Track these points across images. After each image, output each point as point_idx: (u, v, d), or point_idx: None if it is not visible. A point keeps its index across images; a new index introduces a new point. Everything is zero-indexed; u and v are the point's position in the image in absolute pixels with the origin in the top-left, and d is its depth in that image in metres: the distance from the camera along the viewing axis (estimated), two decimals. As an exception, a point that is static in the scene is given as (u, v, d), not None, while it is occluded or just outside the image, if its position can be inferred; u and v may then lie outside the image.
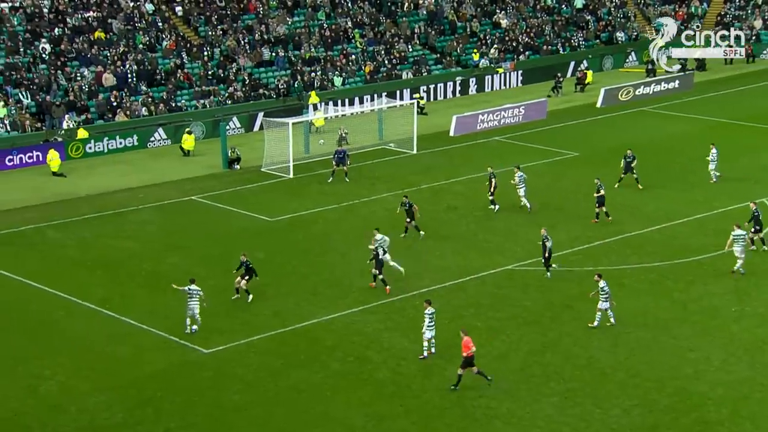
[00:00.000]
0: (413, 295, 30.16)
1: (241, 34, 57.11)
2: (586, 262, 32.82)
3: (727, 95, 58.20)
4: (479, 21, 65.20)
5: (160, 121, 49.77)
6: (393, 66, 58.98)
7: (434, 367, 25.69)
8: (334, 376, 25.40)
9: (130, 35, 54.18)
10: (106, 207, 39.11)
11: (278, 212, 38.27)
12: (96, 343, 27.34)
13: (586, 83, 60.40)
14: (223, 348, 26.81)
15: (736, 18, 69.64)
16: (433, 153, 46.63)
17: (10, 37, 51.16)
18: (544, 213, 37.73)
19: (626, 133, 50.37)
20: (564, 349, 26.71)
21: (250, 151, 46.33)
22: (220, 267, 32.76)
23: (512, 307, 29.34)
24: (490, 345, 26.92)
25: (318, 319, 28.61)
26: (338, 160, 41.71)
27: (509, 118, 52.38)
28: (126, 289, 31.06)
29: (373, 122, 49.65)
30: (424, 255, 33.49)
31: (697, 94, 58.22)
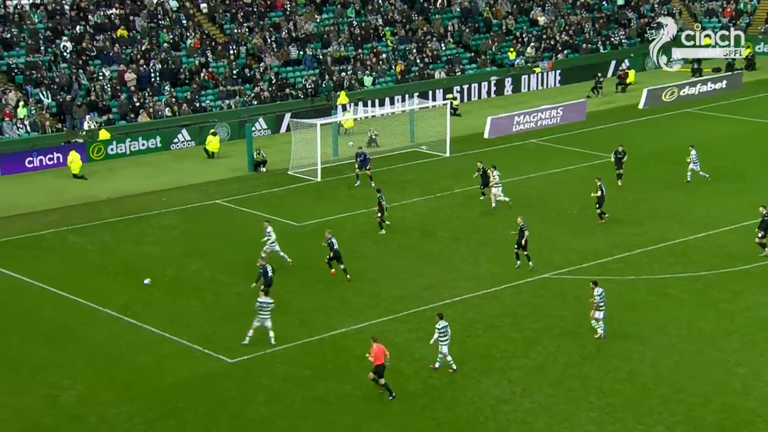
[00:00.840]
0: (446, 304, 30.15)
1: (267, 32, 57.44)
2: (627, 270, 32.63)
3: (777, 96, 57.71)
4: (515, 18, 65.11)
5: (184, 122, 50.15)
6: (425, 65, 59.03)
7: (467, 379, 25.66)
8: (363, 387, 25.42)
9: (153, 33, 54.66)
10: (128, 211, 39.45)
11: (305, 217, 38.42)
12: (117, 351, 27.58)
13: (627, 83, 60.11)
14: (247, 358, 26.95)
15: (787, 14, 69.03)
16: (466, 156, 46.57)
17: (31, 35, 51.80)
18: (583, 218, 37.58)
19: (670, 135, 50.02)
20: (603, 361, 26.57)
21: (276, 154, 46.56)
22: (245, 274, 32.94)
23: (549, 317, 29.23)
24: (526, 356, 26.84)
25: (346, 328, 28.67)
26: (360, 164, 41.78)
27: (546, 119, 52.22)
28: (148, 296, 31.29)
29: (404, 124, 49.70)
30: (457, 262, 33.48)
31: (746, 95, 57.71)
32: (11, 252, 35.13)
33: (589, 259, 33.56)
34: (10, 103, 47.66)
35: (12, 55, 50.52)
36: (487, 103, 57.26)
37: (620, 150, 40.60)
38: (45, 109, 48.78)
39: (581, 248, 34.60)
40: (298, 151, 44.70)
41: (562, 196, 40.23)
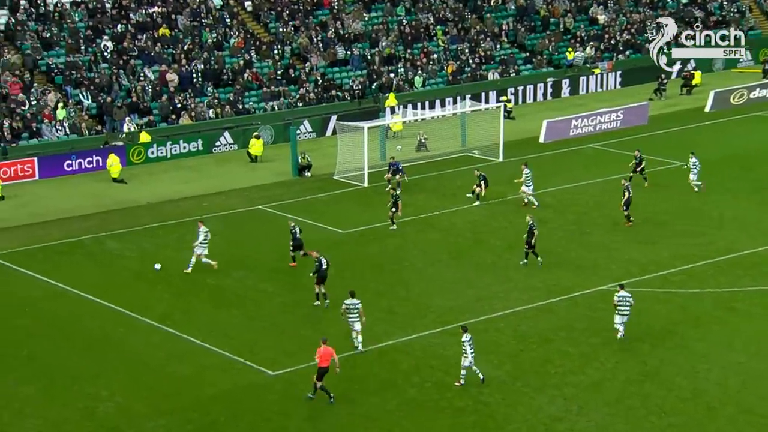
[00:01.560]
0: (498, 316, 30.02)
1: (313, 31, 57.74)
2: (691, 283, 32.22)
3: None
4: (574, 16, 64.72)
5: (227, 124, 50.57)
6: (478, 66, 58.92)
7: (520, 396, 25.50)
8: (411, 403, 25.38)
9: (196, 32, 55.22)
10: (169, 216, 39.84)
11: (351, 224, 38.49)
12: (155, 361, 27.85)
13: (693, 85, 59.46)
14: (290, 370, 27.04)
15: None
16: (521, 161, 46.28)
17: (71, 34, 52.63)
18: (644, 228, 37.21)
19: (739, 140, 49.35)
20: (666, 379, 26.25)
21: (321, 158, 46.73)
22: (288, 282, 33.11)
23: (608, 332, 28.93)
24: (583, 373, 26.60)
25: (393, 341, 28.65)
26: (394, 172, 41.73)
27: (606, 123, 51.81)
28: (188, 305, 31.57)
29: (455, 127, 49.63)
30: (511, 272, 33.30)
31: (820, 98, 56.77)
32: (49, 257, 35.68)
33: (650, 271, 33.20)
34: (49, 105, 48.47)
35: (51, 55, 51.38)
36: (542, 105, 56.97)
37: (637, 155, 41.31)
38: (84, 111, 49.50)
39: (641, 259, 34.24)
40: (344, 155, 44.83)
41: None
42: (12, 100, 47.94)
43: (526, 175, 39.03)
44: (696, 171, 40.60)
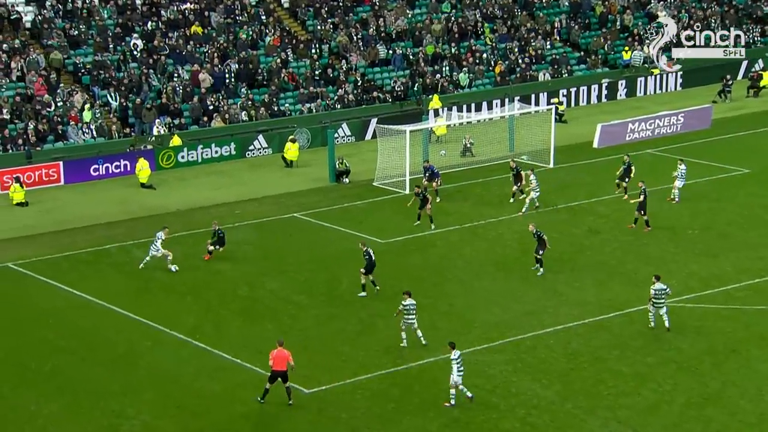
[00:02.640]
0: (547, 333, 29.93)
1: (353, 29, 57.97)
2: (756, 299, 31.90)
3: None
4: (632, 13, 64.36)
5: (261, 127, 50.88)
6: (528, 65, 58.78)
7: (570, 418, 25.40)
8: (453, 424, 25.37)
9: (230, 30, 55.66)
10: (199, 224, 40.10)
11: (392, 233, 38.56)
12: (184, 378, 28.07)
13: (761, 87, 58.84)
14: (326, 388, 27.15)
15: None
16: (572, 167, 46.16)
17: (99, 32, 53.31)
18: (705, 239, 36.91)
19: (809, 145, 48.78)
20: (729, 402, 26.00)
21: (360, 163, 46.87)
22: (325, 294, 33.25)
23: (665, 351, 28.74)
24: (638, 394, 26.43)
25: (435, 358, 28.63)
26: (429, 178, 41.79)
27: (665, 127, 51.45)
28: (219, 318, 31.79)
29: (503, 131, 49.56)
30: (561, 286, 33.18)
31: None
32: (74, 267, 36.12)
33: (712, 286, 32.92)
34: (75, 106, 49.11)
35: (79, 54, 52.08)
36: (597, 108, 56.69)
37: (626, 160, 41.45)
38: (112, 113, 50.07)
39: (702, 273, 33.97)
40: (384, 161, 44.92)
41: (682, 214, 39.53)
42: (37, 101, 48.65)
43: (533, 182, 39.68)
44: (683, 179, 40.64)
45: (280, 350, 25.90)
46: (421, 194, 38.61)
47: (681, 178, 40.66)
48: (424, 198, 38.52)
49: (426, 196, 38.60)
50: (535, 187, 39.83)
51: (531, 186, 39.81)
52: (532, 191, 39.76)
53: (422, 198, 38.54)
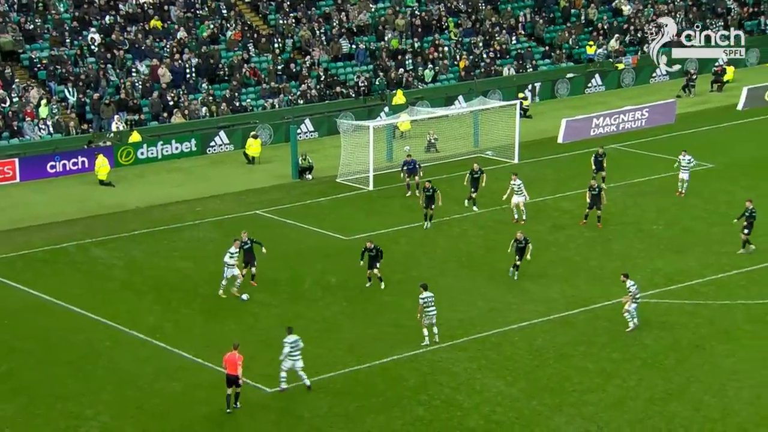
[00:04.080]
0: (512, 330, 30.08)
1: (316, 23, 57.89)
2: (721, 294, 32.24)
3: None
4: (597, 7, 64.75)
5: (222, 123, 50.71)
6: (492, 60, 58.99)
7: (536, 416, 25.55)
8: (417, 422, 25.43)
9: (190, 24, 55.39)
10: (159, 221, 39.95)
11: (355, 230, 38.58)
12: (144, 378, 27.91)
13: (724, 81, 59.40)
14: (288, 387, 27.09)
15: None
16: (537, 163, 46.40)
17: (56, 26, 52.86)
18: (670, 234, 37.23)
19: (773, 140, 49.35)
20: (693, 397, 26.26)
21: (323, 159, 46.85)
22: (288, 293, 33.22)
23: (630, 346, 28.98)
24: (603, 390, 26.63)
25: (400, 356, 28.71)
26: (409, 172, 41.86)
27: (630, 122, 51.84)
28: (180, 317, 31.66)
29: (467, 126, 49.71)
30: (526, 283, 33.35)
31: None
32: (30, 266, 35.82)
33: (676, 281, 33.25)
34: (31, 102, 48.67)
35: (34, 48, 51.60)
36: (561, 103, 57.00)
37: (601, 152, 41.78)
38: (69, 108, 49.69)
39: (667, 268, 34.29)
40: (348, 157, 44.92)
41: (647, 209, 39.85)
42: (-8, 97, 48.19)
43: (518, 186, 38.28)
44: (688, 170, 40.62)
45: (231, 354, 25.77)
46: (431, 190, 37.67)
47: (686, 169, 40.58)
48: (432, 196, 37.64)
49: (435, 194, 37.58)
50: (518, 190, 38.25)
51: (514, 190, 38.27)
52: (515, 195, 38.35)
53: (430, 195, 37.66)
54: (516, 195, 38.41)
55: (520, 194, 38.38)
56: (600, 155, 41.94)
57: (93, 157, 45.54)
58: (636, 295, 29.28)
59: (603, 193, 37.86)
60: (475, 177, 39.82)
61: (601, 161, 41.79)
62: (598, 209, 37.60)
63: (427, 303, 28.83)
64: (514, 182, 38.40)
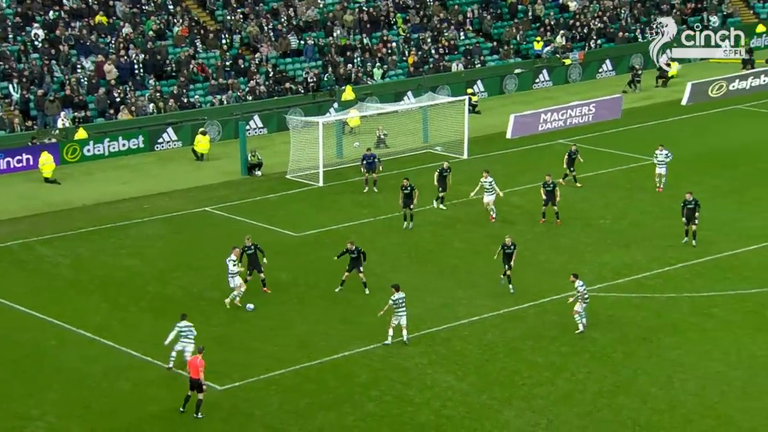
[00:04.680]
0: (462, 325, 30.19)
1: (264, 19, 57.64)
2: (667, 287, 32.61)
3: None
4: (543, 4, 65.15)
5: (170, 119, 50.33)
6: (441, 56, 59.13)
7: (486, 409, 25.66)
8: (369, 418, 25.44)
9: (136, 20, 54.90)
10: (106, 219, 39.55)
11: (305, 226, 38.50)
12: (92, 377, 27.62)
13: (669, 77, 60.06)
14: (239, 384, 26.99)
15: None
16: (486, 158, 46.59)
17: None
18: (617, 229, 37.58)
19: (717, 135, 50.00)
20: (640, 389, 26.52)
21: (273, 156, 46.69)
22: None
23: (578, 340, 29.21)
24: (552, 384, 26.82)
25: (350, 352, 28.70)
26: (368, 166, 41.87)
27: (577, 117, 52.23)
28: (128, 315, 31.38)
29: (416, 122, 49.79)
30: (475, 278, 33.47)
31: (803, 90, 57.67)
32: (-25, 265, 35.34)
33: (624, 275, 33.56)
34: (-26, 99, 47.99)
35: (-23, 45, 50.86)
36: (510, 99, 57.29)
37: (573, 150, 41.89)
38: (13, 105, 49.02)
39: (614, 262, 34.61)
40: (297, 153, 44.81)
41: (594, 204, 40.19)
42: (-66, 93, 47.44)
43: (489, 183, 37.85)
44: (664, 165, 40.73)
45: (194, 358, 25.57)
46: (408, 188, 37.17)
47: (662, 164, 40.55)
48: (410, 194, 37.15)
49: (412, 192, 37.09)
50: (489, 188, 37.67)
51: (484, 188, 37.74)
52: (485, 193, 37.72)
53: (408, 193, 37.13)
54: (487, 193, 37.84)
55: (491, 192, 37.78)
56: (573, 152, 41.78)
57: (37, 154, 44.99)
58: (585, 296, 29.29)
59: (557, 189, 37.93)
60: (443, 175, 39.39)
61: (574, 158, 41.63)
62: (554, 205, 37.76)
63: (398, 304, 28.66)
64: (485, 180, 37.91)
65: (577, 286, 29.26)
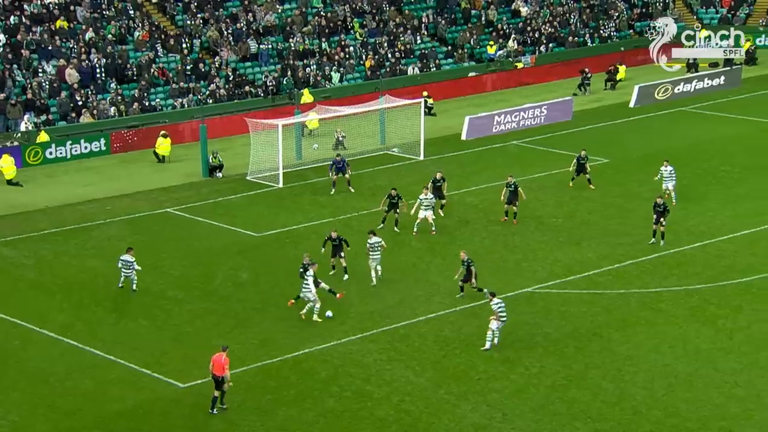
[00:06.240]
0: (420, 321, 30.26)
1: (224, 24, 57.41)
2: (616, 284, 32.89)
3: (780, 93, 58.41)
4: (496, 9, 65.49)
5: (131, 122, 49.94)
6: (397, 60, 59.22)
7: (443, 404, 25.75)
8: (329, 414, 25.44)
9: (97, 24, 54.45)
10: (68, 221, 39.19)
11: (266, 227, 38.39)
12: (55, 376, 27.37)
13: (617, 80, 60.60)
14: (202, 382, 26.81)
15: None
16: (442, 159, 46.73)
17: (-39, 26, 51.46)
18: (569, 227, 37.85)
19: (663, 136, 50.49)
20: (591, 383, 26.75)
21: (233, 158, 46.50)
22: (200, 289, 32.92)
23: (531, 336, 29.39)
24: (507, 378, 26.97)
25: (311, 349, 28.67)
26: (338, 170, 41.82)
27: (530, 119, 52.54)
28: (91, 315, 31.12)
29: (374, 124, 49.82)
30: (432, 276, 33.57)
31: (745, 92, 58.36)
32: (-62, 267, 34.85)
33: (575, 272, 33.82)
34: (-64, 102, 47.32)
35: (-61, 49, 50.19)
36: (464, 101, 57.50)
37: (583, 155, 41.36)
38: (-24, 109, 48.42)
39: (566, 260, 34.85)
40: (257, 155, 44.68)
41: (546, 203, 40.47)
42: None
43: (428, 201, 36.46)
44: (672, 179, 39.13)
45: (218, 355, 25.28)
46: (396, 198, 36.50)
47: (670, 179, 39.09)
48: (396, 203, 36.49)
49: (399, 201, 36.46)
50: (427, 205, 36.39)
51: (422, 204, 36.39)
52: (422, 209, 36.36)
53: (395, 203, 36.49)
54: (423, 209, 36.51)
55: (428, 209, 36.52)
56: (582, 158, 41.01)
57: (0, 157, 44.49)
58: (501, 315, 28.24)
59: (520, 189, 37.79)
60: (437, 185, 38.18)
61: (584, 164, 40.93)
62: (514, 206, 37.80)
63: (373, 247, 31.94)
64: (425, 196, 36.68)
65: (492, 305, 28.32)
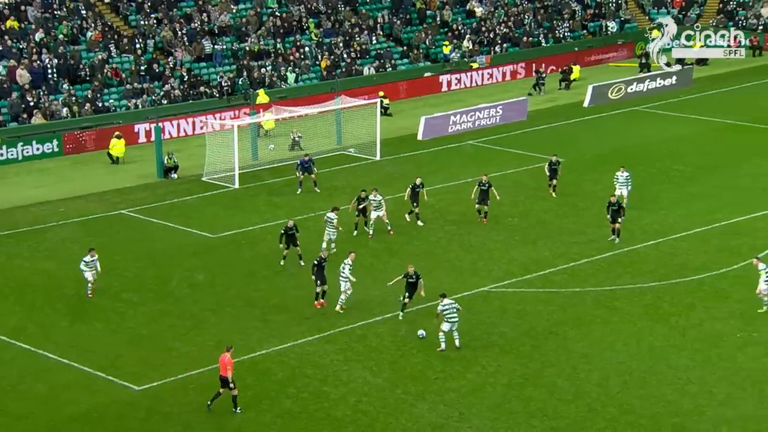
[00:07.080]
0: (377, 322, 30.23)
1: (178, 24, 57.01)
2: (572, 282, 33.09)
3: (731, 93, 59.07)
4: (451, 9, 65.67)
5: (85, 123, 49.45)
6: (353, 60, 59.17)
7: (400, 404, 25.74)
8: (286, 415, 25.34)
9: (48, 25, 53.86)
10: (21, 223, 38.76)
11: (221, 228, 38.18)
12: (7, 380, 27.04)
13: (571, 80, 61.00)
14: (157, 384, 26.66)
15: (741, 5, 70.75)
16: (398, 159, 46.77)
17: None
18: (524, 226, 38.01)
19: (617, 135, 50.92)
20: (547, 381, 26.88)
21: (188, 158, 46.21)
22: (154, 291, 32.65)
23: (488, 335, 29.48)
24: (463, 377, 27.02)
25: (267, 350, 28.54)
26: (305, 170, 41.65)
27: (485, 119, 52.73)
28: (44, 318, 30.77)
29: (330, 124, 49.74)
30: (389, 275, 33.52)
31: (696, 92, 59.02)
32: None
33: (531, 271, 33.97)
34: None
35: None
36: (420, 101, 57.58)
37: (554, 161, 41.02)
38: (-75, 110, 47.71)
39: (522, 258, 35.01)
40: (212, 156, 44.44)
41: (502, 203, 40.57)
42: None
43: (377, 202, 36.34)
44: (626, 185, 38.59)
45: (223, 355, 25.17)
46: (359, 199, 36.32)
47: (625, 185, 38.52)
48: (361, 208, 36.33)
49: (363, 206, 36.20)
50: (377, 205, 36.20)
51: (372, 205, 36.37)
52: (374, 210, 36.31)
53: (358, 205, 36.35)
54: (375, 210, 36.46)
55: (379, 209, 36.37)
56: (554, 163, 40.68)
57: (-49, 159, 43.93)
58: (447, 316, 27.93)
59: (493, 189, 37.61)
60: (416, 191, 37.93)
61: (556, 169, 40.62)
62: (485, 205, 37.81)
63: (328, 222, 34.20)
64: (374, 197, 36.35)
65: (439, 307, 28.04)
